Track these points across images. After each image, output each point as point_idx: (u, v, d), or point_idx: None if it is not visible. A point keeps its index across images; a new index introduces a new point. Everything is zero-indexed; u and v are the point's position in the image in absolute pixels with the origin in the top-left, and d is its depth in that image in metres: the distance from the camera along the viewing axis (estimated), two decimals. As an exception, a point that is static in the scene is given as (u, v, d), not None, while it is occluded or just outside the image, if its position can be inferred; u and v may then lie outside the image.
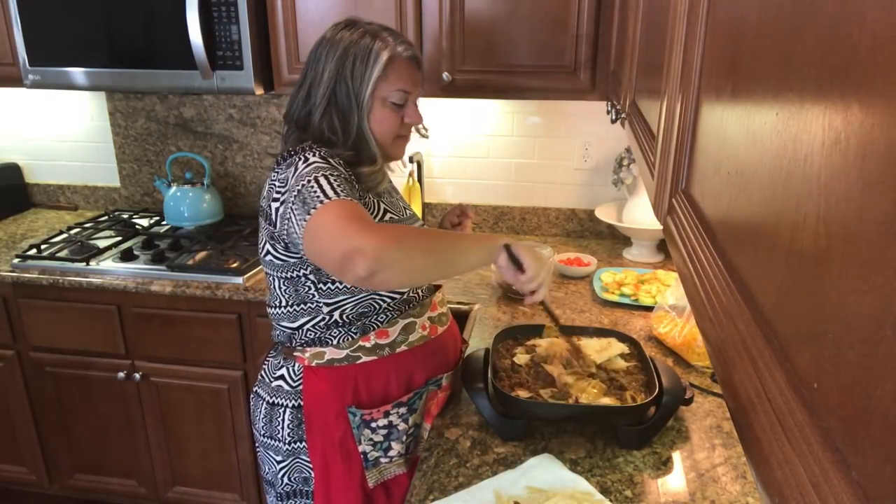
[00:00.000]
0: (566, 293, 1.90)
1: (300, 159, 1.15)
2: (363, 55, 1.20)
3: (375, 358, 1.24)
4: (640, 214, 2.09)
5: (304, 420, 1.26)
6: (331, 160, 1.16)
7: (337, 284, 1.19)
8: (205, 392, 2.07)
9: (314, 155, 1.15)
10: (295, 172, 1.13)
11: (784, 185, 0.37)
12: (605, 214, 2.20)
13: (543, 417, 1.23)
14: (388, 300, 1.24)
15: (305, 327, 1.24)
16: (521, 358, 1.32)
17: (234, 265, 2.00)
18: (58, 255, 2.10)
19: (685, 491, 1.09)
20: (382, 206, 1.26)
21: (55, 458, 2.30)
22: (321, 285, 1.19)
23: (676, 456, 1.18)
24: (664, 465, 1.15)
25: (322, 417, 1.25)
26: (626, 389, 1.22)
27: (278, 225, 1.14)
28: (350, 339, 1.23)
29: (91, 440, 2.24)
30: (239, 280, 1.93)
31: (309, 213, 1.05)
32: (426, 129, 1.42)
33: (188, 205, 2.32)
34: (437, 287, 1.41)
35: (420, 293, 1.31)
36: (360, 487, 1.27)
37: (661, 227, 0.77)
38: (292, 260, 1.18)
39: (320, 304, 1.21)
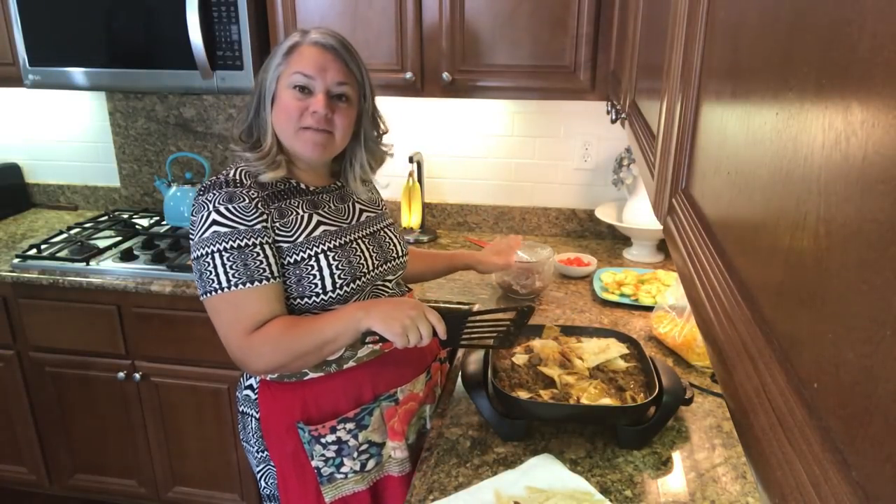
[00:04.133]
0: (566, 293, 1.90)
1: (204, 209, 1.14)
2: (275, 50, 1.22)
3: (322, 374, 1.22)
4: (640, 214, 2.09)
5: (263, 432, 1.26)
6: (230, 210, 1.13)
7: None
8: (205, 392, 2.07)
9: (215, 207, 1.13)
10: (199, 229, 1.14)
11: (784, 185, 0.37)
12: (605, 214, 2.20)
13: (543, 417, 1.23)
14: None
15: None
16: (520, 358, 1.32)
17: (234, 265, 2.00)
18: (58, 255, 2.10)
19: (685, 491, 1.09)
20: (316, 219, 1.22)
21: (55, 458, 2.30)
22: None
23: (676, 456, 1.18)
24: (664, 465, 1.15)
25: (276, 431, 1.24)
26: (626, 390, 1.22)
27: None
28: None
29: (91, 440, 2.24)
30: (239, 280, 1.93)
31: (206, 294, 1.14)
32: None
33: (188, 205, 2.31)
34: (408, 291, 1.40)
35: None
36: (317, 502, 1.26)
37: (661, 227, 0.77)
38: None
39: None
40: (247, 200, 1.14)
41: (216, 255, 1.12)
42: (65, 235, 2.28)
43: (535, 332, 1.43)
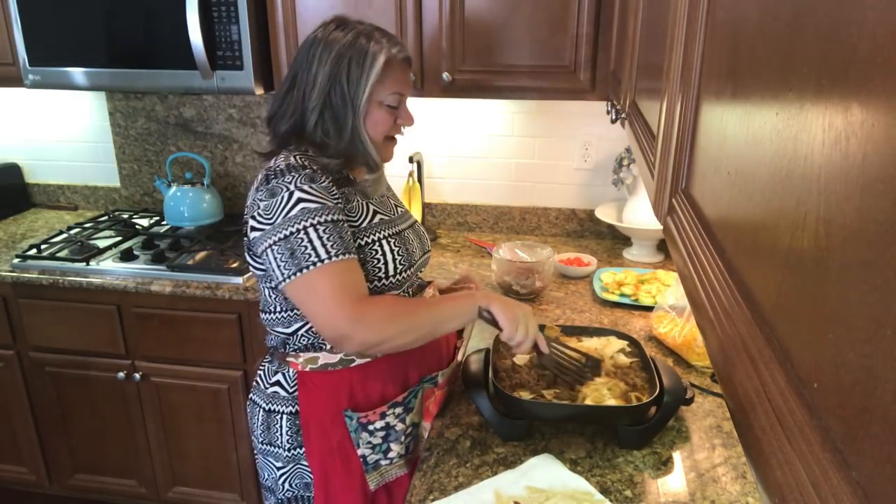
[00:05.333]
0: (566, 293, 1.90)
1: (284, 190, 1.12)
2: (359, 58, 1.18)
3: (369, 360, 1.23)
4: (640, 214, 2.09)
5: (301, 426, 1.25)
6: (314, 188, 1.13)
7: None
8: (205, 392, 2.07)
9: (297, 186, 1.12)
10: (281, 210, 1.12)
11: (784, 185, 0.37)
12: (605, 214, 2.20)
13: (544, 417, 1.23)
14: None
15: (300, 332, 1.23)
16: (521, 358, 1.32)
17: (234, 265, 2.00)
18: (58, 255, 2.10)
19: (685, 491, 1.09)
20: (372, 207, 1.26)
21: (55, 458, 2.30)
22: None
23: (676, 456, 1.18)
24: (664, 465, 1.15)
25: (319, 423, 1.24)
26: (636, 388, 1.22)
27: (259, 254, 1.16)
28: None
29: (91, 440, 2.24)
30: (239, 280, 1.93)
31: (300, 271, 1.09)
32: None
33: (188, 205, 2.32)
34: (428, 283, 1.41)
35: (409, 292, 1.31)
36: (361, 491, 1.26)
37: (661, 227, 0.77)
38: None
39: None
40: (326, 181, 1.16)
41: (310, 230, 1.10)
42: (65, 235, 2.28)
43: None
